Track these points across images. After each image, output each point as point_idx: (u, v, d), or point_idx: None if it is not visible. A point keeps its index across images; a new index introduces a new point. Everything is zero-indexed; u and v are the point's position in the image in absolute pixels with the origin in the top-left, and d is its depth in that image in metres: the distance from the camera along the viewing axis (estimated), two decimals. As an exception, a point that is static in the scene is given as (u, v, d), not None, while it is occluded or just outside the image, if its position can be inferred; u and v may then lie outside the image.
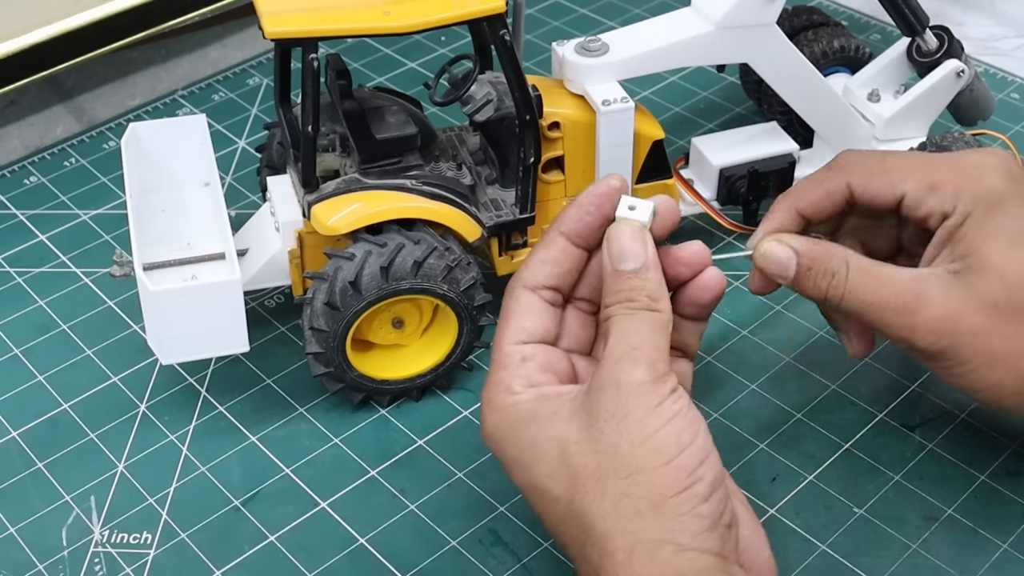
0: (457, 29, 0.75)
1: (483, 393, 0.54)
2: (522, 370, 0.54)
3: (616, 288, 0.53)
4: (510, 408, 0.53)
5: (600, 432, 0.49)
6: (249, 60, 0.98)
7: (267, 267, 0.67)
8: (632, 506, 0.48)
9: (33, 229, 0.81)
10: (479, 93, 0.68)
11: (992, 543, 0.60)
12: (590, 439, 0.49)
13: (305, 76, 0.62)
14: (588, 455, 0.49)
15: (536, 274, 0.55)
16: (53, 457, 0.66)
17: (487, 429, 0.54)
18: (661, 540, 0.47)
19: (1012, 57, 0.96)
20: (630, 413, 0.49)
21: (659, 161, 0.71)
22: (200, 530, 0.62)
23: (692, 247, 0.56)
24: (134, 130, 0.71)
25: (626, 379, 0.50)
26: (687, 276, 0.55)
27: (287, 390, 0.69)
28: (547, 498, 0.50)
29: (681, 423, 0.49)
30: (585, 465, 0.49)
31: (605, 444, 0.49)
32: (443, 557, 0.60)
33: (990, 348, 0.54)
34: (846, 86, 0.78)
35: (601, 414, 0.49)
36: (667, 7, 0.78)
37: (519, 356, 0.54)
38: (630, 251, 0.53)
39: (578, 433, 0.50)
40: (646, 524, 0.47)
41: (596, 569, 0.48)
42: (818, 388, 0.68)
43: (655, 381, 0.50)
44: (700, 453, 0.49)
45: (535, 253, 0.56)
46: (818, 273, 0.57)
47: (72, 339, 0.73)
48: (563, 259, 0.55)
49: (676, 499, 0.48)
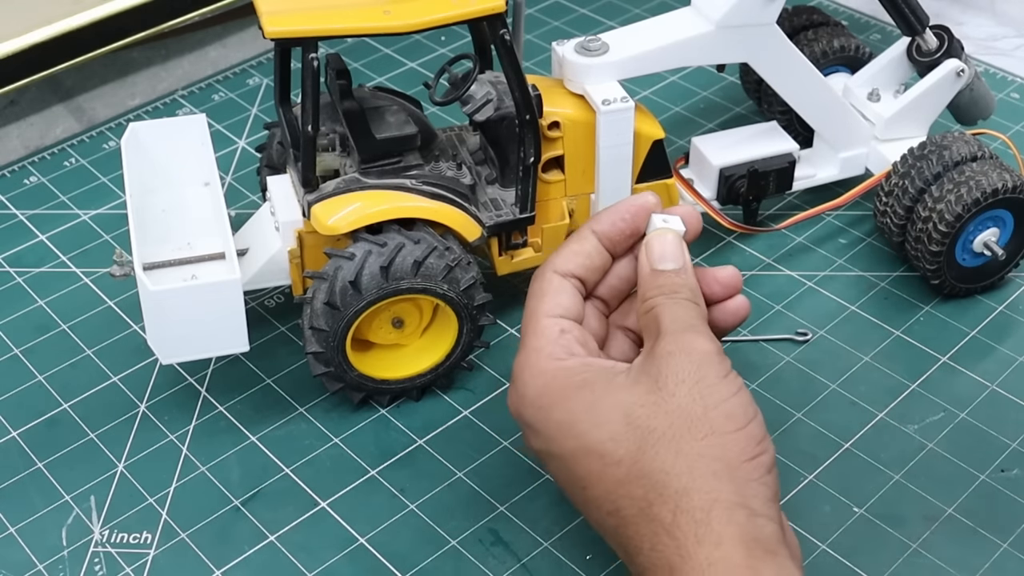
0: (457, 29, 0.75)
1: (519, 360, 0.55)
2: (563, 340, 0.54)
3: (657, 283, 0.55)
4: (557, 372, 0.53)
5: (672, 395, 0.50)
6: (249, 60, 0.98)
7: (267, 267, 0.67)
8: (708, 467, 0.49)
9: (33, 229, 0.81)
10: (479, 93, 0.67)
11: (992, 543, 0.60)
12: (659, 402, 0.50)
13: (305, 76, 0.62)
14: (659, 416, 0.50)
15: (568, 263, 0.57)
16: (53, 457, 0.66)
17: (528, 394, 0.53)
18: (736, 503, 0.48)
19: (1012, 57, 0.96)
20: (704, 378, 0.50)
21: (659, 161, 0.71)
22: (200, 530, 0.62)
23: (728, 270, 0.57)
24: (134, 130, 0.71)
25: (698, 346, 0.51)
26: (720, 297, 0.57)
27: (287, 390, 0.69)
28: (607, 460, 0.50)
29: (747, 396, 0.51)
30: (655, 426, 0.50)
31: (677, 406, 0.50)
32: (443, 557, 0.60)
33: None
34: (846, 86, 0.78)
35: (671, 378, 0.50)
36: (667, 7, 0.78)
37: (558, 328, 0.55)
38: (671, 253, 0.56)
39: (645, 397, 0.50)
40: (722, 485, 0.49)
41: (669, 527, 0.48)
42: (818, 388, 0.68)
43: (720, 353, 0.52)
44: (763, 427, 0.51)
45: (568, 244, 0.58)
46: None
47: (72, 339, 0.73)
48: (594, 255, 0.57)
49: (748, 465, 0.49)
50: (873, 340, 0.71)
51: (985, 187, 0.69)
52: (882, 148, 0.76)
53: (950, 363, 0.69)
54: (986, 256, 0.72)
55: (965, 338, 0.71)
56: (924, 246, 0.71)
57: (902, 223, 0.72)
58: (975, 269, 0.73)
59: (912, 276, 0.75)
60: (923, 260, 0.71)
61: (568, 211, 0.70)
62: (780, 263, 0.76)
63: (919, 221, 0.71)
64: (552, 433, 0.53)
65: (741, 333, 0.71)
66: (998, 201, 0.70)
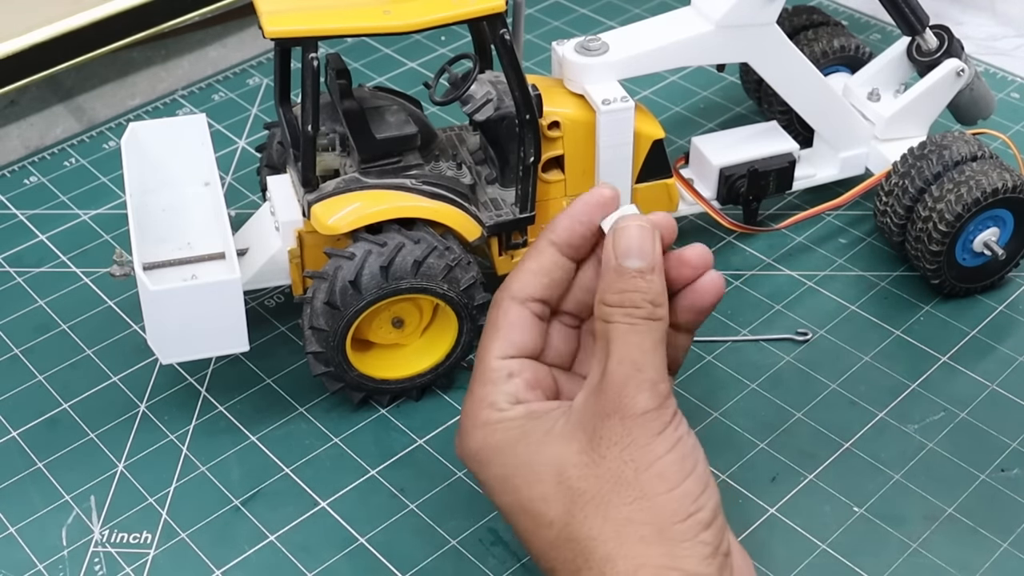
0: (457, 29, 0.75)
1: (465, 408, 0.53)
2: (509, 387, 0.53)
3: (618, 287, 0.51)
4: (496, 425, 0.52)
5: (602, 457, 0.48)
6: (249, 60, 0.98)
7: (267, 267, 0.67)
8: (636, 532, 0.47)
9: (33, 229, 0.81)
10: (479, 92, 0.67)
11: (992, 542, 0.60)
12: (591, 463, 0.49)
13: (305, 76, 0.62)
14: (589, 479, 0.48)
15: (526, 286, 0.54)
16: (53, 457, 0.66)
17: (469, 446, 0.52)
18: (665, 566, 0.47)
19: (1012, 57, 0.96)
20: (635, 440, 0.48)
21: (659, 160, 0.71)
22: (200, 530, 0.62)
23: (697, 248, 0.54)
24: (134, 130, 0.71)
25: (631, 407, 0.49)
26: (690, 278, 0.53)
27: (287, 390, 0.69)
28: (539, 522, 0.49)
29: (683, 449, 0.49)
30: (585, 489, 0.48)
31: (607, 469, 0.48)
32: (443, 556, 0.60)
33: None
34: (846, 85, 0.78)
35: (604, 440, 0.49)
36: (667, 7, 0.78)
37: (506, 372, 0.53)
38: (637, 247, 0.51)
39: (577, 456, 0.49)
40: (651, 550, 0.47)
41: None
42: (818, 388, 0.68)
43: (659, 408, 0.49)
44: (702, 480, 0.49)
45: (524, 263, 0.54)
46: None
47: (72, 339, 0.73)
48: (553, 269, 0.54)
49: (680, 526, 0.48)
50: (873, 340, 0.71)
51: (985, 187, 0.69)
52: (882, 148, 0.76)
53: (950, 363, 0.69)
54: (986, 256, 0.72)
55: (965, 338, 0.71)
56: (924, 246, 0.71)
57: (902, 223, 0.72)
58: (975, 269, 0.73)
59: (912, 276, 0.75)
60: (923, 260, 0.71)
61: (568, 211, 0.70)
62: (780, 263, 0.76)
63: (919, 221, 0.71)
64: (492, 486, 0.52)
65: (741, 333, 0.71)
66: (998, 201, 0.70)
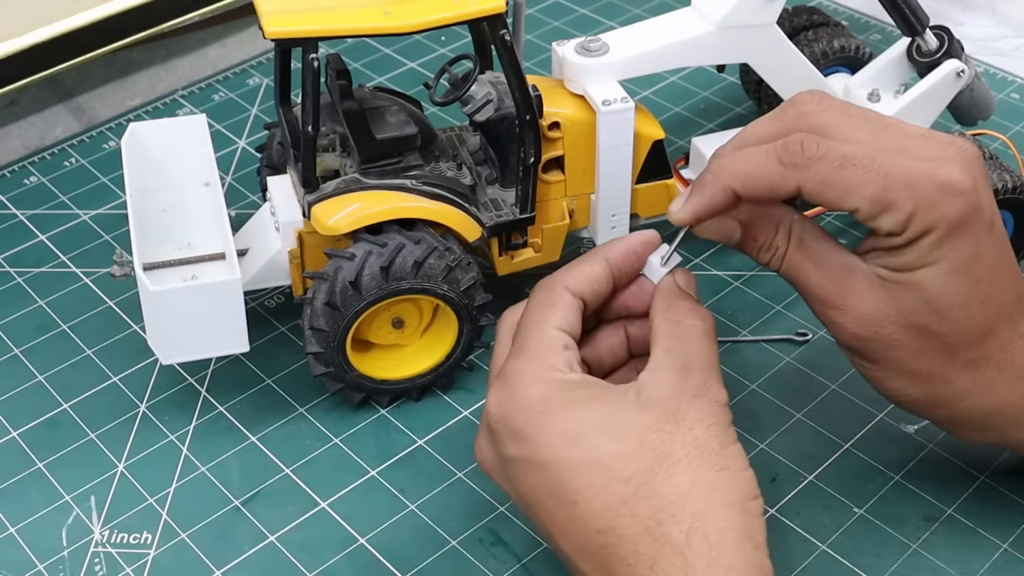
0: (457, 29, 0.75)
1: (515, 365, 0.53)
2: (567, 355, 0.53)
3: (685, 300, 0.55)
4: (562, 382, 0.52)
5: (690, 429, 0.50)
6: (249, 60, 0.98)
7: (267, 267, 0.67)
8: (723, 497, 0.49)
9: (33, 229, 0.82)
10: (479, 93, 0.68)
11: (992, 543, 0.60)
12: (676, 432, 0.50)
13: (305, 76, 0.62)
14: (675, 444, 0.50)
15: (580, 282, 0.56)
16: (53, 457, 0.66)
17: (528, 396, 0.52)
18: (745, 535, 0.49)
19: (1012, 57, 0.96)
20: (718, 421, 0.51)
21: (659, 161, 0.71)
22: (200, 530, 0.62)
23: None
24: (134, 130, 0.71)
25: (716, 395, 0.52)
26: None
27: (287, 390, 0.69)
28: (613, 475, 0.50)
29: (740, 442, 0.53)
30: (671, 452, 0.50)
31: (694, 438, 0.50)
32: (443, 557, 0.60)
33: (901, 360, 0.55)
34: (846, 86, 0.78)
35: (692, 415, 0.51)
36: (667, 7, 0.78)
37: (562, 342, 0.54)
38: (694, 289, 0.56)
39: (660, 425, 0.50)
40: (735, 516, 0.49)
41: (680, 547, 0.48)
42: (818, 388, 0.68)
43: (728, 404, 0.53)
44: None
45: (579, 265, 0.56)
46: (761, 246, 0.57)
47: (72, 339, 0.73)
48: (603, 281, 0.56)
49: (753, 503, 0.50)
50: (873, 340, 0.71)
51: (985, 187, 0.69)
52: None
53: (950, 363, 0.69)
54: (986, 256, 0.72)
55: (965, 338, 0.71)
56: (924, 246, 0.71)
57: (902, 223, 0.72)
58: (975, 269, 0.72)
59: (912, 276, 0.75)
60: (923, 260, 0.71)
61: (568, 211, 0.70)
62: (780, 263, 0.76)
63: (919, 221, 0.70)
64: (550, 441, 0.51)
65: (741, 334, 0.71)
66: (998, 202, 0.69)
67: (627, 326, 0.58)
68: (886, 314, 0.54)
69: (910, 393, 0.56)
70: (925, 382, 0.55)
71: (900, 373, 0.55)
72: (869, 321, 0.54)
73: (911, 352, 0.54)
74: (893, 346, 0.54)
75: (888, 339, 0.54)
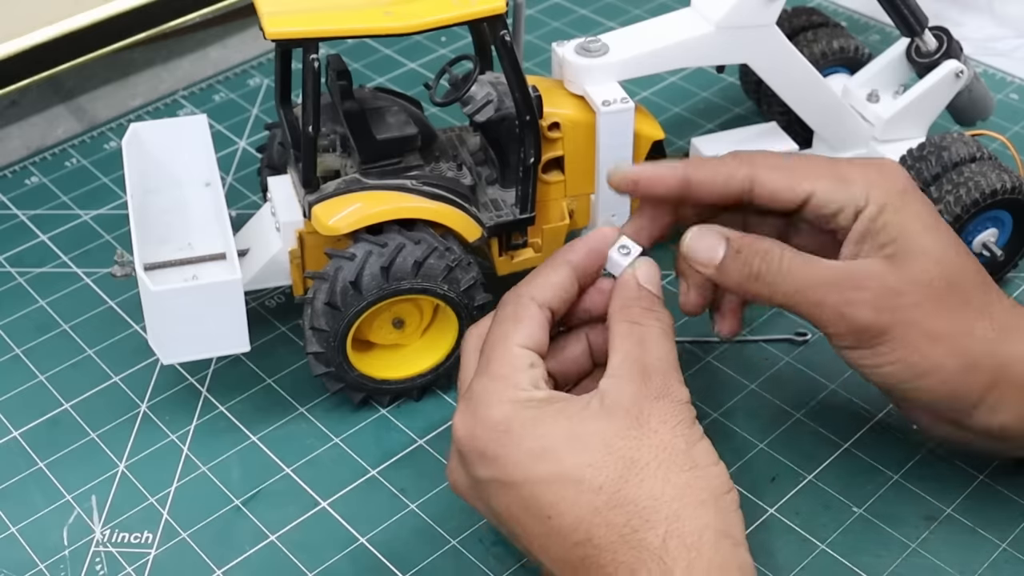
0: (457, 29, 0.75)
1: (480, 385, 0.53)
2: (531, 373, 0.54)
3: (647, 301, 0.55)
4: (527, 400, 0.52)
5: (655, 432, 0.51)
6: (250, 60, 0.98)
7: (268, 267, 0.67)
8: (696, 496, 0.50)
9: (34, 229, 0.82)
10: (479, 93, 0.68)
11: (991, 543, 0.60)
12: (641, 436, 0.51)
13: (306, 76, 0.62)
14: (642, 449, 0.50)
15: (545, 292, 0.56)
16: (54, 457, 0.66)
17: (493, 416, 0.52)
18: (722, 531, 0.49)
19: (1011, 58, 0.96)
20: (683, 421, 0.52)
21: (659, 161, 0.72)
22: (201, 529, 0.62)
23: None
24: (135, 130, 0.71)
25: (677, 395, 0.52)
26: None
27: (288, 390, 0.69)
28: (583, 487, 0.50)
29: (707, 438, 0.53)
30: (639, 457, 0.50)
31: (660, 441, 0.51)
32: (443, 556, 0.60)
33: (932, 327, 0.55)
34: (845, 86, 0.78)
35: (653, 418, 0.51)
36: (667, 7, 0.78)
37: (528, 360, 0.54)
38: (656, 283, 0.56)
39: (625, 431, 0.51)
40: (709, 514, 0.49)
41: (657, 551, 0.48)
42: (818, 388, 0.68)
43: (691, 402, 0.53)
44: None
45: (544, 273, 0.57)
46: (749, 254, 0.56)
47: (73, 339, 0.73)
48: (568, 287, 0.57)
49: (727, 497, 0.51)
50: (872, 340, 0.71)
51: (984, 188, 0.69)
52: (881, 149, 0.76)
53: (949, 363, 0.69)
54: (985, 257, 0.72)
55: (964, 338, 0.71)
56: (923, 247, 0.71)
57: (901, 224, 0.72)
58: (974, 270, 0.73)
59: (911, 276, 0.75)
60: (922, 260, 0.71)
61: (568, 212, 0.70)
62: (780, 263, 0.76)
63: (918, 222, 0.71)
64: (519, 459, 0.51)
65: (741, 333, 0.72)
66: (997, 202, 0.70)
67: (588, 334, 0.59)
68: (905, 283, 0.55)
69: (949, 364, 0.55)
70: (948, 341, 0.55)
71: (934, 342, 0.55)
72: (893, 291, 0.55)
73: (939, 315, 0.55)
74: (921, 312, 0.55)
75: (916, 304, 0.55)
